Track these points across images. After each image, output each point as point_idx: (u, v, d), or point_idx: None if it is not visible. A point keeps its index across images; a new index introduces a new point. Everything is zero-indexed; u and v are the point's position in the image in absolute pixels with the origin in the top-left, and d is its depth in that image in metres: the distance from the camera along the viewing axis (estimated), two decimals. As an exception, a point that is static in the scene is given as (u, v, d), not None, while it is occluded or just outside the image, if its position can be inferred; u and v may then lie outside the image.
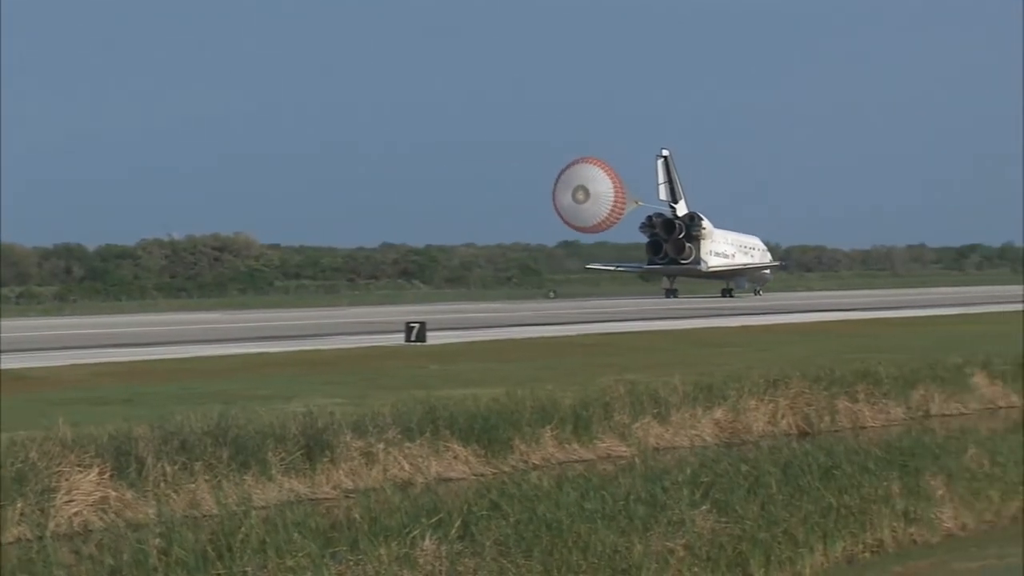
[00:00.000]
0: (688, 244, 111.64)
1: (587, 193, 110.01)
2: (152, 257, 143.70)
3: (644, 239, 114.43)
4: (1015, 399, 38.00)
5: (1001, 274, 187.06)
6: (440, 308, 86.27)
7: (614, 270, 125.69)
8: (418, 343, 49.16)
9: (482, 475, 25.71)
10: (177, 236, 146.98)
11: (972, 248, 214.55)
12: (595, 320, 65.32)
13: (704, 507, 19.61)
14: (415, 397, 28.95)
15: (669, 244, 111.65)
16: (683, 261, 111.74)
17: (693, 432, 31.06)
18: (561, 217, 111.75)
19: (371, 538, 17.42)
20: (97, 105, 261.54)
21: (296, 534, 17.31)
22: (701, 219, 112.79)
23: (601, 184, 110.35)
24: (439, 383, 34.72)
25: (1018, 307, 75.19)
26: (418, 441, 26.46)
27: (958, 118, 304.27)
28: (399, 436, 26.36)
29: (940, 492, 22.25)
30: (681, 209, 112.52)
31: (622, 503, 19.52)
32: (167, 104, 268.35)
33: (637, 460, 24.16)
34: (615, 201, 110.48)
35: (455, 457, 26.80)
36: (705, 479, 21.14)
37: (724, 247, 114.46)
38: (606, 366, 39.12)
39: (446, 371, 38.90)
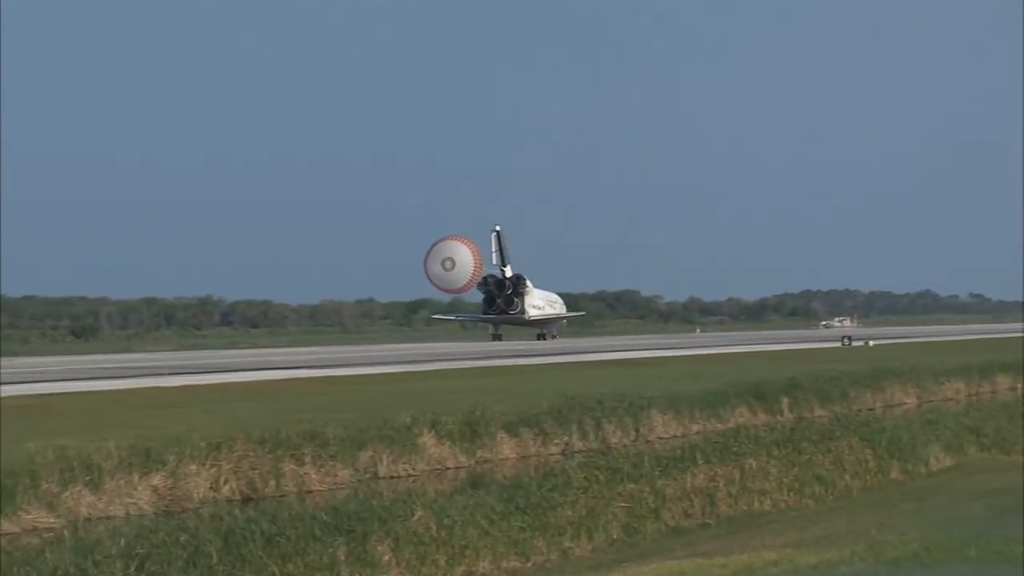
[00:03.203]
0: (515, 299, 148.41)
1: (454, 263, 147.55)
2: None
3: None
4: (463, 459, 39.51)
5: (451, 329, 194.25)
6: None
7: (454, 320, 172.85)
8: None
9: None
10: None
11: (421, 303, 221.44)
12: (21, 380, 63.13)
13: (139, 581, 19.33)
14: None
15: (501, 299, 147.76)
16: (511, 312, 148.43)
17: (129, 500, 30.55)
18: (432, 282, 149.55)
19: None
20: None
21: None
22: (525, 280, 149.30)
23: (464, 256, 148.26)
24: None
25: (467, 364, 78.33)
26: None
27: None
28: None
29: (386, 557, 22.84)
30: (508, 271, 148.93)
31: (47, 580, 18.97)
32: None
33: (66, 532, 23.56)
34: (475, 269, 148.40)
35: None
36: (141, 551, 20.83)
37: (538, 301, 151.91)
38: (34, 429, 37.87)
39: None
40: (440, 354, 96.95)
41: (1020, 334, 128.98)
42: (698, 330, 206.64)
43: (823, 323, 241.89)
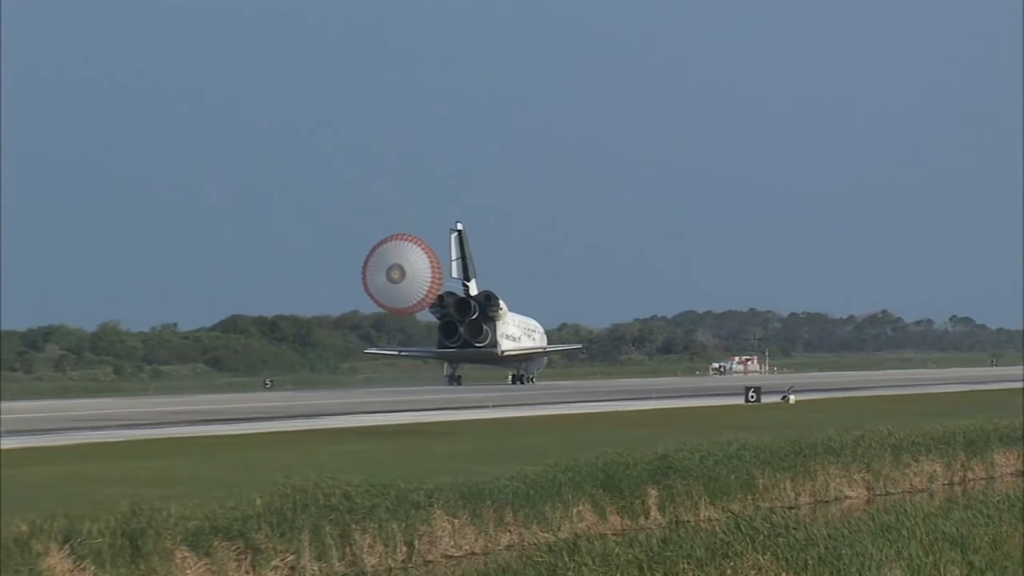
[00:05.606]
0: (485, 326, 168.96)
1: (403, 272, 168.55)
2: None
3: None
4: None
5: (102, 374, 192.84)
6: None
7: (397, 355, 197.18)
8: None
9: None
10: None
11: (50, 332, 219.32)
12: None
13: None
14: None
15: (464, 326, 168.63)
16: (478, 344, 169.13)
17: None
18: (373, 297, 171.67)
19: None
20: None
21: None
22: (498, 300, 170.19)
23: (418, 263, 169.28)
24: None
25: (133, 433, 77.62)
26: None
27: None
28: None
29: None
30: (473, 288, 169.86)
31: None
32: None
33: None
34: (432, 280, 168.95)
35: None
36: None
37: (513, 330, 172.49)
38: None
39: None
40: (87, 418, 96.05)
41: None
42: (510, 377, 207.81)
43: (715, 365, 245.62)
